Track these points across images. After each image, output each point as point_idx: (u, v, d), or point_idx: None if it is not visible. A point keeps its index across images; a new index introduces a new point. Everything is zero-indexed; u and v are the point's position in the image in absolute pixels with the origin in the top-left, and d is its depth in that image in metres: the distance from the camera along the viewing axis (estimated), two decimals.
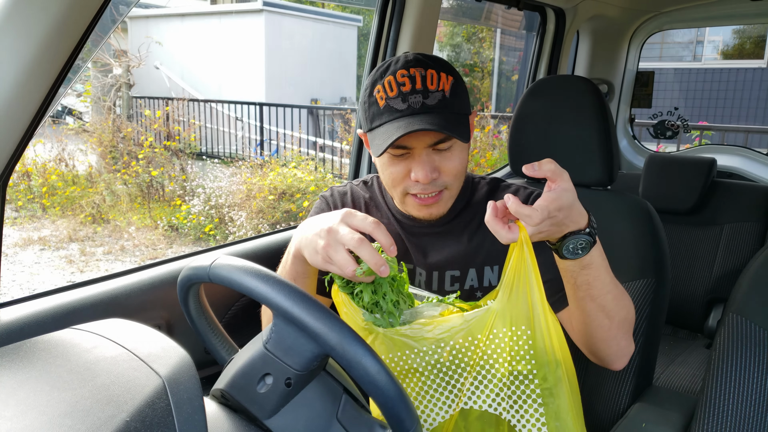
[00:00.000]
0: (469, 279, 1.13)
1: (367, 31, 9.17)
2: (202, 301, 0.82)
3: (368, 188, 1.22)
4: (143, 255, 5.20)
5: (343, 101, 10.81)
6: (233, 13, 9.96)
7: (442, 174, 1.03)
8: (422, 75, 0.99)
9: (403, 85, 0.99)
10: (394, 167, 1.03)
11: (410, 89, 0.98)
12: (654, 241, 1.30)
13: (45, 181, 6.37)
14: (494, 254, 1.12)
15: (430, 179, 1.00)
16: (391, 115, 0.99)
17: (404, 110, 0.98)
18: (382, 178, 1.09)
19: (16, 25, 0.79)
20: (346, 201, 1.20)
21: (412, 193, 1.05)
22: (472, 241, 1.13)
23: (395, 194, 1.08)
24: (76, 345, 0.63)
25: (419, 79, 0.99)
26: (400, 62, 1.02)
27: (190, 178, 6.56)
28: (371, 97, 1.03)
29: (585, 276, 0.93)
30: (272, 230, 2.46)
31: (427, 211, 1.07)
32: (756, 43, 10.29)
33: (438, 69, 1.00)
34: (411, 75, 0.99)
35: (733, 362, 1.00)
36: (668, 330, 2.36)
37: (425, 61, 1.01)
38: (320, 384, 0.70)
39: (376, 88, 1.02)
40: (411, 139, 0.99)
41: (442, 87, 1.00)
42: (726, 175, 2.57)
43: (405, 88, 0.98)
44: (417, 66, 1.00)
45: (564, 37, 2.39)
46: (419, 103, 0.98)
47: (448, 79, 1.01)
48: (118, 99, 8.06)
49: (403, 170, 1.03)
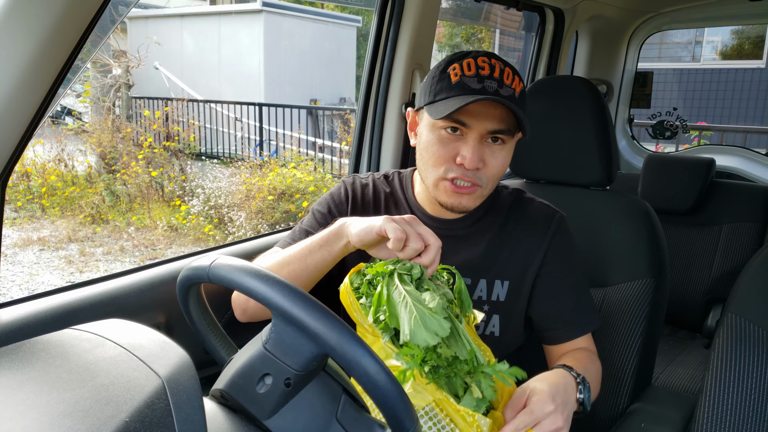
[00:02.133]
0: (479, 289, 1.12)
1: (367, 32, 9.16)
2: (201, 302, 0.82)
3: (389, 183, 1.21)
4: (143, 255, 5.20)
5: (342, 102, 10.80)
6: (232, 13, 9.96)
7: (485, 168, 1.02)
8: (501, 68, 1.00)
9: (482, 69, 0.99)
10: (442, 146, 1.02)
11: (488, 74, 0.99)
12: (653, 241, 1.31)
13: (44, 181, 6.37)
14: (507, 269, 1.12)
15: (475, 165, 1.00)
16: (462, 91, 0.98)
17: (477, 90, 0.98)
18: (423, 158, 1.06)
19: (16, 26, 0.79)
20: (366, 193, 1.18)
21: (450, 178, 1.03)
22: (488, 250, 1.12)
23: (431, 175, 1.05)
24: (75, 345, 0.63)
25: (498, 70, 0.99)
26: (481, 52, 1.02)
27: (189, 178, 6.56)
28: (444, 73, 1.01)
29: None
30: (272, 230, 2.46)
31: (458, 200, 1.05)
32: (755, 43, 10.30)
33: (514, 72, 1.01)
34: (491, 64, 1.00)
35: (732, 362, 1.00)
36: (667, 330, 2.36)
37: (505, 61, 1.02)
38: (320, 384, 0.70)
39: (451, 66, 1.01)
40: (474, 118, 0.99)
41: (515, 87, 1.00)
42: (725, 176, 2.57)
43: (483, 72, 0.99)
44: (499, 60, 1.01)
45: (563, 37, 2.39)
46: (493, 89, 0.98)
47: (520, 84, 1.02)
48: (117, 99, 8.05)
49: (450, 152, 1.01)
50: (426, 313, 0.78)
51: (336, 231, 0.97)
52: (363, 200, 1.17)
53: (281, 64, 9.80)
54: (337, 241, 0.97)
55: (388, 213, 1.17)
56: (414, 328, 0.76)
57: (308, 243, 1.00)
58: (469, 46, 12.69)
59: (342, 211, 1.16)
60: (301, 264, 0.99)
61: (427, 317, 0.77)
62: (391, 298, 0.81)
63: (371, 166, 1.77)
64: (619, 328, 1.25)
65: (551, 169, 1.43)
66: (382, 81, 1.71)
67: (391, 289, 0.82)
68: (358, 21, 11.23)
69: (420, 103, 1.07)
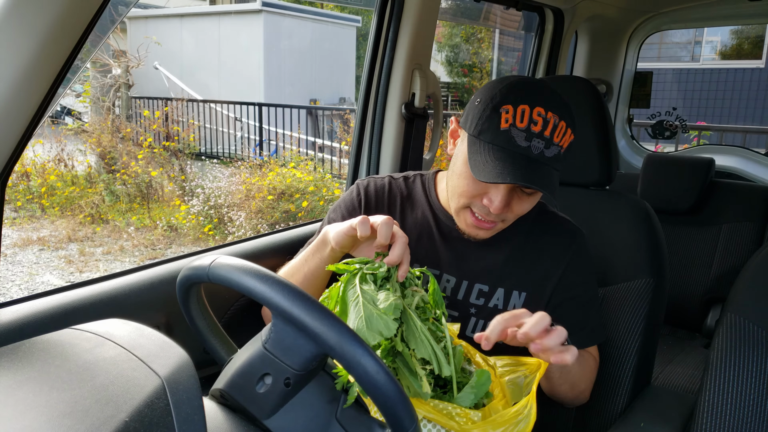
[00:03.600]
0: (496, 297, 1.12)
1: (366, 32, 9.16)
2: (201, 301, 0.82)
3: (408, 185, 1.20)
4: (142, 255, 5.20)
5: (342, 101, 10.81)
6: (232, 13, 9.96)
7: (510, 211, 1.03)
8: (555, 124, 0.95)
9: (535, 124, 0.95)
10: (473, 184, 1.01)
11: (539, 132, 0.95)
12: (652, 241, 1.31)
13: (44, 181, 6.37)
14: (526, 281, 1.12)
15: (500, 212, 1.00)
16: (508, 144, 0.95)
17: (523, 149, 0.95)
18: (452, 180, 1.06)
19: (15, 25, 0.80)
20: (380, 195, 1.18)
21: (473, 211, 1.04)
22: (510, 259, 1.13)
23: (456, 201, 1.06)
24: (75, 345, 0.63)
25: (551, 127, 0.95)
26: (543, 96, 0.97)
27: (189, 178, 6.56)
28: (495, 111, 0.97)
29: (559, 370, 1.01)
30: (271, 230, 2.46)
31: (476, 232, 1.07)
32: (754, 43, 10.30)
33: (568, 123, 0.97)
34: (546, 118, 0.95)
35: (732, 362, 1.00)
36: (667, 330, 2.37)
37: (564, 108, 0.98)
38: (319, 384, 0.70)
39: (505, 106, 0.96)
40: None
41: (564, 143, 0.98)
42: (724, 175, 2.57)
43: (535, 128, 0.95)
44: (556, 111, 0.96)
45: (562, 37, 2.39)
46: (539, 150, 0.95)
47: (570, 136, 0.99)
48: (117, 99, 8.05)
49: (479, 191, 1.01)
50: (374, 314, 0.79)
51: (321, 238, 1.00)
52: (376, 202, 1.17)
53: (281, 64, 9.81)
54: (323, 248, 1.00)
55: (402, 215, 1.17)
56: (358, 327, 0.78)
57: (305, 252, 1.04)
58: (469, 46, 12.69)
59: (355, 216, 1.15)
60: (300, 274, 1.04)
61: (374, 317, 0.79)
62: (345, 296, 0.83)
63: (371, 166, 1.77)
64: (619, 328, 1.25)
65: None
66: (382, 81, 1.71)
67: (348, 287, 0.84)
68: (357, 21, 11.23)
69: (464, 122, 1.04)
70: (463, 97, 12.36)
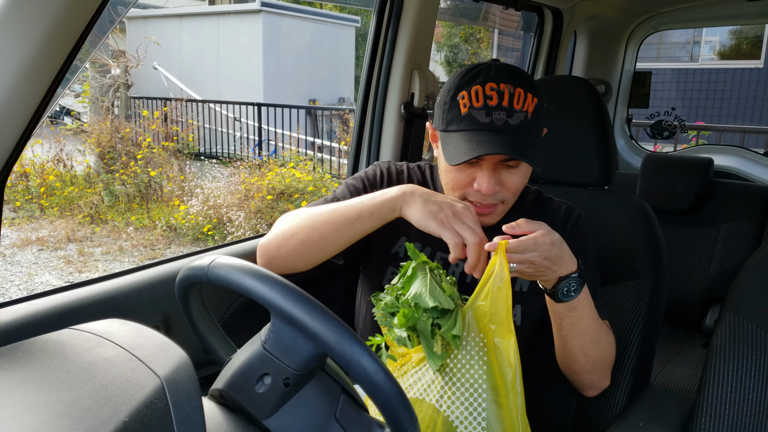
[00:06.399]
0: None
1: (365, 32, 9.16)
2: (200, 301, 0.82)
3: (422, 173, 1.22)
4: (141, 255, 5.20)
5: (341, 101, 10.80)
6: (231, 13, 9.95)
7: (503, 188, 1.04)
8: (510, 93, 0.97)
9: (490, 99, 0.97)
10: (458, 173, 1.03)
11: (496, 104, 0.97)
12: (651, 240, 1.31)
13: (43, 181, 6.36)
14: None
15: (492, 192, 1.01)
16: (471, 125, 0.98)
17: (486, 124, 0.97)
18: (442, 179, 1.09)
19: (14, 25, 0.79)
20: (401, 178, 1.19)
21: (470, 200, 1.05)
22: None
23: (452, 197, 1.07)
24: (74, 345, 0.63)
25: (507, 97, 0.97)
26: (491, 73, 0.99)
27: (188, 178, 6.56)
28: (453, 100, 1.01)
29: (571, 317, 1.01)
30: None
31: (480, 219, 1.06)
32: (753, 43, 10.31)
33: (526, 89, 0.99)
34: (500, 90, 0.97)
35: (731, 361, 1.01)
36: (665, 329, 2.37)
37: (516, 77, 0.99)
38: (318, 384, 0.70)
39: (460, 93, 1.00)
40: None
41: (527, 108, 0.98)
42: (723, 175, 2.58)
43: (491, 102, 0.97)
44: (508, 81, 0.98)
45: (561, 37, 2.39)
46: (502, 121, 0.97)
47: (533, 100, 0.99)
48: (116, 99, 8.05)
49: (467, 178, 1.03)
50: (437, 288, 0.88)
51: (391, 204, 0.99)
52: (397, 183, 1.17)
53: (280, 64, 9.80)
54: (390, 213, 0.99)
55: None
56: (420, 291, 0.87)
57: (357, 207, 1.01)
58: (468, 46, 12.69)
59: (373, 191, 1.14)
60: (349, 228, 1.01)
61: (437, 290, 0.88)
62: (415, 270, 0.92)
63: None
64: (618, 328, 1.25)
65: (550, 169, 1.43)
66: (381, 81, 1.71)
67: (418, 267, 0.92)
68: (356, 21, 11.23)
69: (435, 123, 1.08)
70: None
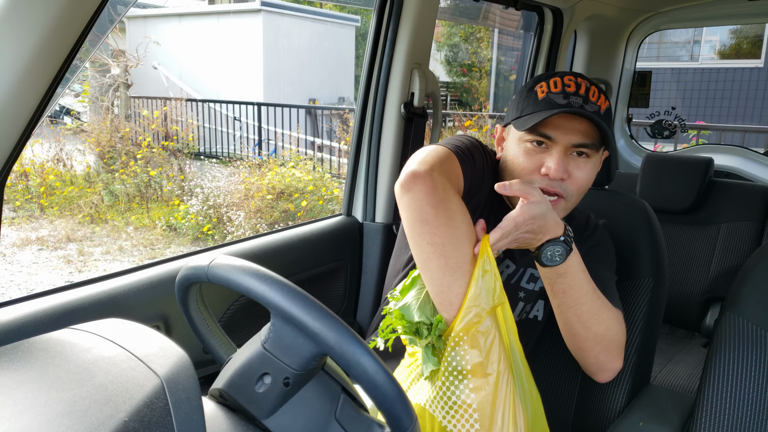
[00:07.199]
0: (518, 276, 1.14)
1: (365, 31, 9.16)
2: (200, 301, 0.82)
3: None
4: (141, 255, 5.19)
5: (341, 101, 10.80)
6: (231, 13, 9.95)
7: (569, 179, 1.04)
8: (587, 86, 1.04)
9: (569, 87, 1.03)
10: (528, 157, 1.04)
11: (574, 91, 1.02)
12: (651, 240, 1.31)
13: (43, 181, 6.36)
14: None
15: (560, 175, 1.01)
16: (549, 106, 1.02)
17: (563, 105, 1.01)
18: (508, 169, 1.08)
19: (14, 25, 0.79)
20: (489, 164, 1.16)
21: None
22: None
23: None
24: (74, 345, 0.63)
25: (584, 88, 1.03)
26: (567, 72, 1.07)
27: (188, 178, 6.55)
28: (531, 91, 1.05)
29: (561, 284, 0.99)
30: (270, 230, 2.46)
31: None
32: (753, 42, 10.31)
33: (600, 91, 1.05)
34: (578, 82, 1.04)
35: (731, 361, 1.01)
36: (666, 329, 2.37)
37: (591, 80, 1.07)
38: (318, 383, 0.70)
39: (539, 84, 1.05)
40: (558, 131, 1.01)
41: (600, 104, 1.03)
42: (723, 175, 2.58)
43: (570, 89, 1.02)
44: (585, 80, 1.05)
45: (561, 36, 2.39)
46: (578, 104, 1.01)
47: (605, 101, 1.05)
48: (116, 99, 8.04)
49: (536, 163, 1.04)
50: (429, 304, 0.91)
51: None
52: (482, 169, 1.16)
53: (280, 64, 9.80)
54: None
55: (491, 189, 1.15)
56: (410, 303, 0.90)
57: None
58: (468, 45, 12.69)
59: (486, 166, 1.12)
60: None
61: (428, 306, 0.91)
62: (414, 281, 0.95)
63: (370, 165, 1.77)
64: None
65: None
66: (381, 80, 1.71)
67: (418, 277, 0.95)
68: (356, 20, 11.23)
69: (507, 119, 1.11)
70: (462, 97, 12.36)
